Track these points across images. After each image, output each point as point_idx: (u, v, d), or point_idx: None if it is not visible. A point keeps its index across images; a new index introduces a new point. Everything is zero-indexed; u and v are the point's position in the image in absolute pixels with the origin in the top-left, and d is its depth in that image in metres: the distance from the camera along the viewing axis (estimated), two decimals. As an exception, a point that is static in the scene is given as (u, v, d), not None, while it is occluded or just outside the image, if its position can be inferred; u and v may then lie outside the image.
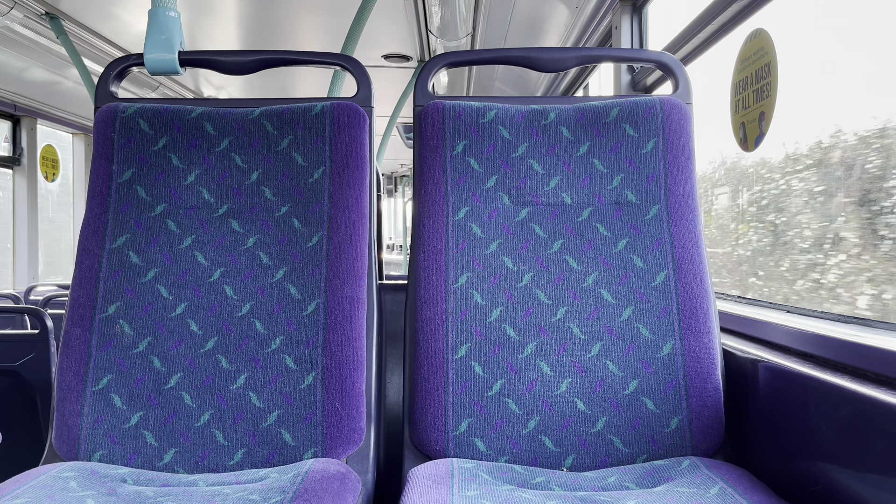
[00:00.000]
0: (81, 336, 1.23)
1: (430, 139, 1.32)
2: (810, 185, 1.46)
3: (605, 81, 3.31)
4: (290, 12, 3.07)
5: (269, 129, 1.33)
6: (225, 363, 1.22)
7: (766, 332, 1.26)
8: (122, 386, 1.20)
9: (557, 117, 1.32)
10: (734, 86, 1.51)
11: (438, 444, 1.19)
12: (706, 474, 1.05)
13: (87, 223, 1.29)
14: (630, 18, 2.27)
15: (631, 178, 1.28)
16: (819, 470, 0.94)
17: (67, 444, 1.19)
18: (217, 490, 1.05)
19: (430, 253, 1.27)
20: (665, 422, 1.17)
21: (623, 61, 1.45)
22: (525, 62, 1.40)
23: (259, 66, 1.41)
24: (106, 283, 1.25)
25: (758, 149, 1.42)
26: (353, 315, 1.24)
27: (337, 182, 1.30)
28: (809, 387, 0.98)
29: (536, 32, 3.20)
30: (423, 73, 1.38)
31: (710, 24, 1.69)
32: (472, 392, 1.19)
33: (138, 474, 1.13)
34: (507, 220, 1.28)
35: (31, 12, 2.92)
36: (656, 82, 2.17)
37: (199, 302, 1.25)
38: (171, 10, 1.38)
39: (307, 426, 1.19)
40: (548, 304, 1.23)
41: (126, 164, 1.31)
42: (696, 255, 1.24)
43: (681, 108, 1.31)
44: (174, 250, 1.27)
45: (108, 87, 1.40)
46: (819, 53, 1.45)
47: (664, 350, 1.19)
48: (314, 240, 1.28)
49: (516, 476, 1.10)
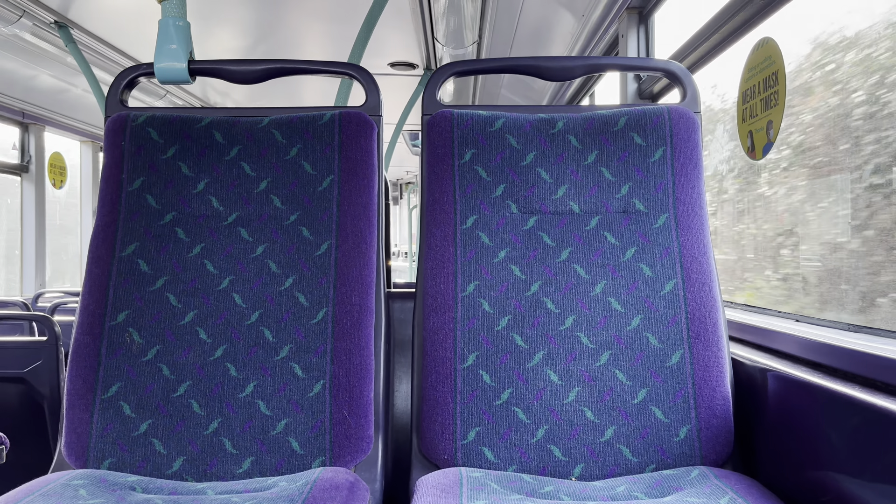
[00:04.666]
0: (91, 344, 1.23)
1: (439, 148, 1.32)
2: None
3: (610, 89, 3.32)
4: (297, 21, 3.09)
5: (277, 137, 1.34)
6: (233, 371, 1.22)
7: (776, 341, 1.25)
8: (131, 394, 1.21)
9: (565, 126, 1.32)
10: (741, 94, 1.51)
11: (447, 453, 1.19)
12: (716, 484, 1.05)
13: (97, 231, 1.30)
14: (636, 27, 2.27)
15: (639, 186, 1.28)
16: (829, 481, 0.94)
17: (76, 452, 1.19)
18: (225, 498, 1.05)
19: (438, 261, 1.27)
20: (674, 431, 1.17)
21: (631, 70, 1.45)
22: (533, 71, 1.40)
23: (268, 76, 1.42)
24: (115, 291, 1.25)
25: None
26: (362, 323, 1.24)
27: (345, 190, 1.31)
28: (819, 396, 0.98)
29: (542, 41, 3.20)
30: (431, 82, 1.39)
31: (717, 32, 1.69)
32: (481, 401, 1.19)
33: (147, 482, 1.13)
34: (515, 229, 1.28)
35: (41, 21, 2.95)
36: (662, 90, 2.17)
37: (208, 310, 1.25)
38: (180, 19, 1.39)
39: (315, 434, 1.19)
40: (556, 313, 1.23)
41: (136, 173, 1.32)
42: (705, 263, 1.24)
43: (689, 117, 1.31)
44: (183, 258, 1.28)
45: (118, 96, 1.41)
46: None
47: (673, 359, 1.19)
48: (322, 248, 1.28)
49: (525, 485, 1.10)
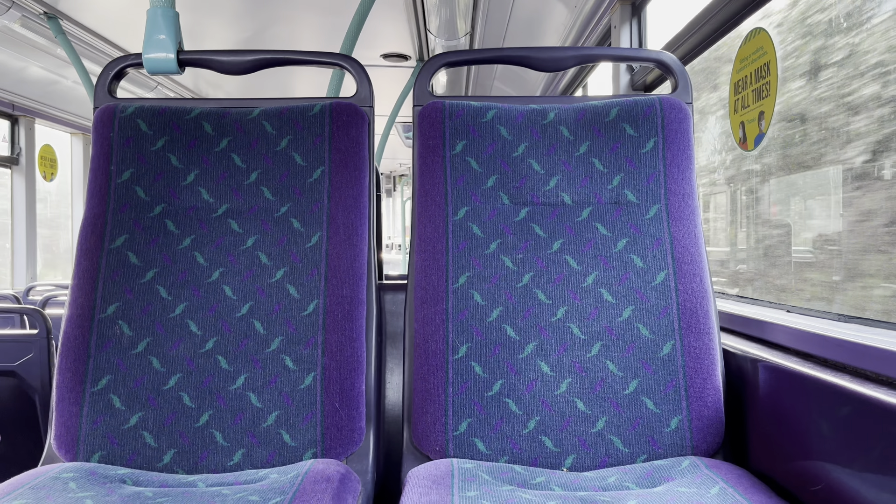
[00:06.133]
0: (80, 336, 1.22)
1: (430, 139, 1.32)
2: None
3: (603, 81, 3.31)
4: (288, 12, 3.07)
5: (268, 128, 1.33)
6: (224, 363, 1.22)
7: (766, 331, 1.26)
8: (121, 386, 1.20)
9: (557, 117, 1.31)
10: (733, 85, 1.50)
11: (438, 445, 1.19)
12: (706, 474, 1.05)
13: (85, 223, 1.29)
14: (629, 18, 2.26)
15: (630, 177, 1.27)
16: (819, 470, 0.94)
17: (66, 445, 1.19)
18: (216, 491, 1.05)
19: (429, 253, 1.26)
20: (665, 421, 1.17)
21: (622, 60, 1.44)
22: (524, 62, 1.39)
23: (258, 66, 1.41)
24: (105, 284, 1.25)
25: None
26: (353, 315, 1.24)
27: (336, 182, 1.30)
28: (809, 386, 0.98)
29: (535, 32, 3.20)
30: (422, 73, 1.38)
31: (709, 22, 1.69)
32: (472, 392, 1.19)
33: (137, 475, 1.13)
34: (506, 220, 1.27)
35: (30, 11, 2.92)
36: (655, 82, 2.16)
37: (199, 302, 1.24)
38: (169, 9, 1.38)
39: (307, 426, 1.19)
40: (548, 304, 1.23)
41: (125, 165, 1.31)
42: (696, 254, 1.24)
43: (680, 108, 1.30)
44: (173, 250, 1.27)
45: (106, 86, 1.40)
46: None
47: (664, 350, 1.19)
48: (313, 240, 1.27)
49: (516, 476, 1.10)
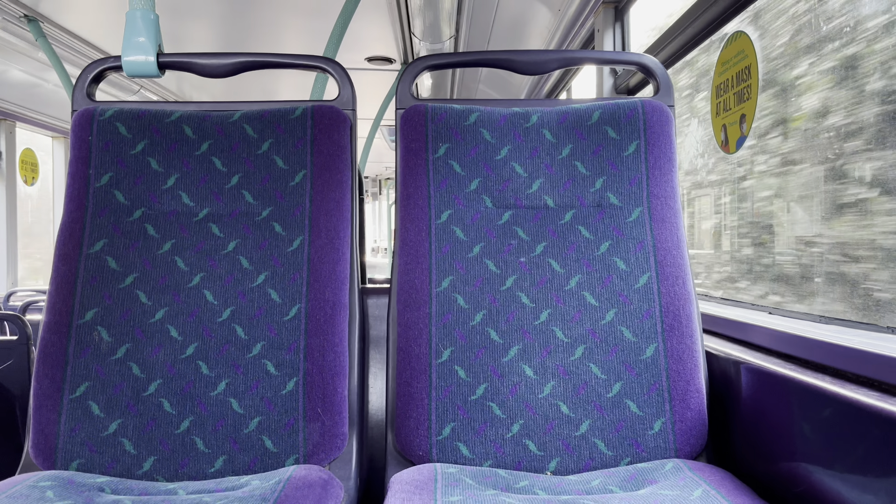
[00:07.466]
0: (58, 343, 1.20)
1: (413, 142, 1.31)
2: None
3: (587, 85, 3.32)
4: (271, 15, 3.06)
5: (249, 132, 1.32)
6: (205, 369, 1.20)
7: (749, 333, 1.26)
8: (99, 393, 1.19)
9: (540, 120, 1.31)
10: (715, 88, 1.51)
11: (422, 449, 1.18)
12: (690, 476, 1.05)
13: (63, 228, 1.27)
14: (612, 21, 2.27)
15: (613, 180, 1.28)
16: (802, 471, 0.95)
17: (44, 453, 1.17)
18: (197, 498, 1.04)
19: (412, 256, 1.26)
20: (648, 424, 1.17)
21: (604, 63, 1.45)
22: (507, 64, 1.39)
23: (239, 69, 1.40)
24: (83, 289, 1.23)
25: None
26: (335, 319, 1.23)
27: (318, 185, 1.29)
28: (791, 388, 0.99)
29: (519, 35, 3.20)
30: (405, 76, 1.37)
31: (691, 26, 1.70)
32: (456, 396, 1.19)
33: (117, 483, 1.11)
34: (489, 223, 1.27)
35: (10, 14, 2.89)
36: (638, 85, 2.17)
37: (179, 307, 1.23)
38: (149, 11, 1.37)
39: (289, 432, 1.18)
40: (531, 308, 1.22)
41: (104, 168, 1.29)
42: (679, 257, 1.24)
43: (662, 111, 1.31)
44: (153, 255, 1.25)
45: (85, 89, 1.38)
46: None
47: (647, 352, 1.19)
48: (295, 244, 1.26)
49: (500, 480, 1.09)
